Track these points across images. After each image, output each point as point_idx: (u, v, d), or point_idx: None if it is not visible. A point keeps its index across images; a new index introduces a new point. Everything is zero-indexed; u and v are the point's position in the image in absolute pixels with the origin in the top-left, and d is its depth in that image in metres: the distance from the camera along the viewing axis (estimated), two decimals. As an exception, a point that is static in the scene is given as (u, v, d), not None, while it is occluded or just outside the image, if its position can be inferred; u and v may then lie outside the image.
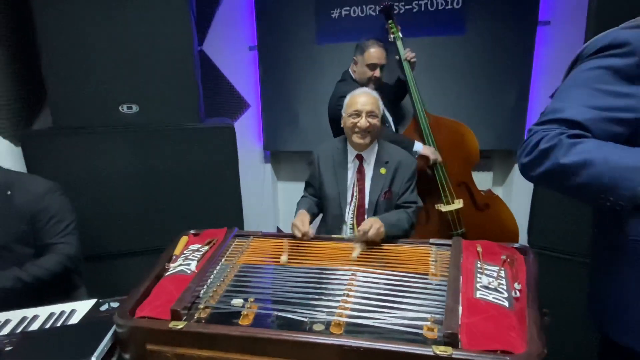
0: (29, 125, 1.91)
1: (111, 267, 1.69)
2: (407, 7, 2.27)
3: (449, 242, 1.26)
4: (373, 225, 1.29)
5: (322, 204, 1.63)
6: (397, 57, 1.97)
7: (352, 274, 1.07)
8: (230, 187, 1.84)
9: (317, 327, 0.84)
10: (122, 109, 1.65)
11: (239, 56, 2.74)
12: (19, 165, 1.56)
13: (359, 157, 1.56)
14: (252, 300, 0.94)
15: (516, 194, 2.32)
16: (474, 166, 1.96)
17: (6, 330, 0.96)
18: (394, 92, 2.13)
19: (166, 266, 1.19)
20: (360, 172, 1.57)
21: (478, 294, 0.90)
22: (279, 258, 1.22)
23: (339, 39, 2.24)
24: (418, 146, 1.89)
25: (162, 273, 1.15)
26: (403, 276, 1.05)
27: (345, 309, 0.90)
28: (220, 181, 1.81)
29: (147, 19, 1.60)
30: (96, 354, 0.80)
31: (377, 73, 1.94)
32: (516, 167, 2.44)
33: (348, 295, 0.96)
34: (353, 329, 0.83)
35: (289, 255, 1.23)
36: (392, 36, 1.96)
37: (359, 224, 1.52)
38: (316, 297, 0.96)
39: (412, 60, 1.95)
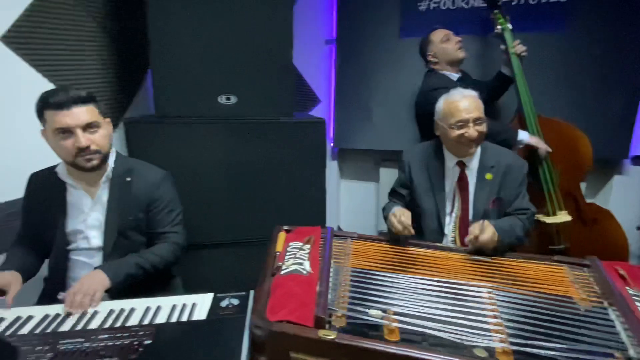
0: (123, 113, 1.97)
1: (197, 258, 1.69)
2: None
3: (581, 261, 1.14)
4: (485, 229, 1.19)
5: (414, 215, 1.49)
6: (502, 47, 1.79)
7: (489, 292, 0.97)
8: (315, 183, 1.79)
9: (480, 353, 0.75)
10: (221, 100, 1.64)
11: (314, 50, 2.68)
12: (121, 151, 1.59)
13: (460, 164, 1.41)
14: (391, 312, 0.87)
15: (615, 208, 2.10)
16: (584, 176, 1.78)
17: (135, 321, 0.95)
18: (490, 90, 1.96)
19: (277, 264, 1.15)
20: (462, 179, 1.42)
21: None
22: (387, 264, 1.15)
23: (424, 33, 2.12)
24: (523, 135, 1.70)
25: (275, 271, 1.12)
26: (550, 299, 0.94)
27: (501, 332, 0.81)
28: (306, 176, 1.76)
29: (250, 12, 1.57)
30: (243, 357, 0.76)
31: (456, 39, 1.82)
32: (616, 178, 2.22)
33: (496, 317, 0.87)
34: (523, 359, 0.74)
35: (398, 262, 1.16)
36: (499, 27, 1.80)
37: (461, 239, 1.41)
38: (459, 314, 0.87)
39: (523, 54, 1.77)
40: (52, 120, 1.10)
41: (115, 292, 1.12)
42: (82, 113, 1.11)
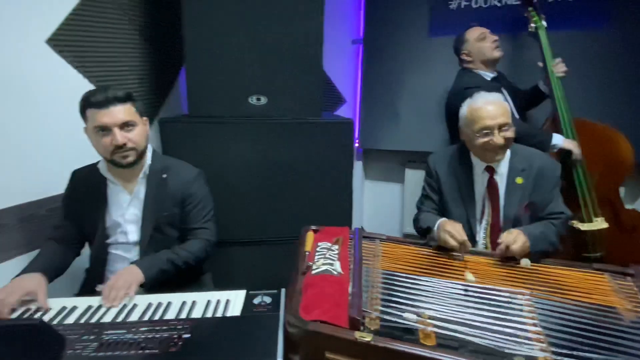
0: (156, 112, 2.03)
1: (226, 255, 1.72)
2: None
3: (625, 269, 1.09)
4: (517, 238, 1.15)
5: None
6: (540, 64, 1.73)
7: (527, 298, 0.95)
8: (342, 183, 1.79)
9: (521, 361, 0.74)
10: (251, 100, 1.66)
11: (340, 50, 2.68)
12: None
13: (489, 169, 1.37)
14: (426, 316, 0.86)
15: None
16: (624, 181, 1.70)
17: (172, 314, 0.98)
18: (526, 99, 1.92)
19: (307, 263, 1.16)
20: (492, 185, 1.37)
21: None
22: (418, 267, 1.14)
23: (454, 32, 2.08)
24: (558, 139, 1.64)
25: (305, 270, 1.12)
26: (592, 308, 0.91)
27: (542, 341, 0.79)
28: (333, 177, 1.76)
29: (282, 13, 1.59)
30: (279, 355, 0.77)
31: (492, 38, 1.77)
32: (659, 183, 2.11)
33: (536, 325, 0.84)
34: (567, 370, 0.72)
35: (429, 265, 1.14)
36: (532, 25, 1.74)
37: (493, 244, 1.37)
38: (495, 321, 0.85)
39: (562, 75, 1.70)
40: (92, 119, 1.15)
41: (148, 287, 1.15)
42: (120, 112, 1.15)
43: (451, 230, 1.19)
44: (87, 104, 1.15)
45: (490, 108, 1.28)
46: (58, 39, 1.51)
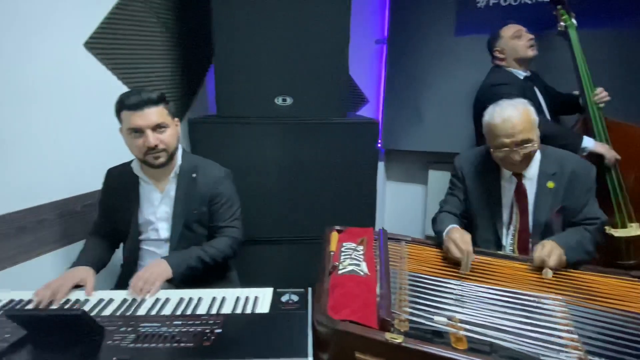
0: (185, 113, 2.09)
1: (251, 252, 1.75)
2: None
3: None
4: (552, 252, 1.11)
5: (468, 225, 1.42)
6: (575, 93, 1.68)
7: (560, 305, 0.93)
8: (366, 184, 1.79)
9: (555, 368, 0.72)
10: (277, 101, 1.69)
11: (363, 50, 2.67)
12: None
13: (517, 174, 1.32)
14: (456, 320, 0.86)
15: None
16: (661, 186, 1.63)
17: (203, 310, 1.01)
18: (563, 105, 1.86)
19: (333, 263, 1.17)
20: (520, 190, 1.32)
21: None
22: (446, 270, 1.13)
23: (482, 31, 2.04)
24: (588, 142, 1.58)
25: (332, 270, 1.13)
26: (630, 317, 0.88)
27: (579, 349, 0.77)
28: (357, 177, 1.77)
29: (309, 14, 1.61)
30: (310, 353, 0.78)
31: (528, 36, 1.72)
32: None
33: (571, 332, 0.82)
34: (605, 379, 0.70)
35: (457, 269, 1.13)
36: (562, 24, 1.69)
37: (520, 251, 1.33)
38: (528, 327, 0.83)
39: (601, 103, 1.63)
40: (126, 120, 1.19)
41: (176, 283, 1.18)
42: (153, 114, 1.18)
43: (457, 239, 1.14)
44: (122, 106, 1.19)
45: (508, 125, 1.20)
46: (95, 42, 1.58)
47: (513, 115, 1.21)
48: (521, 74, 1.77)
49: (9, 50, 1.28)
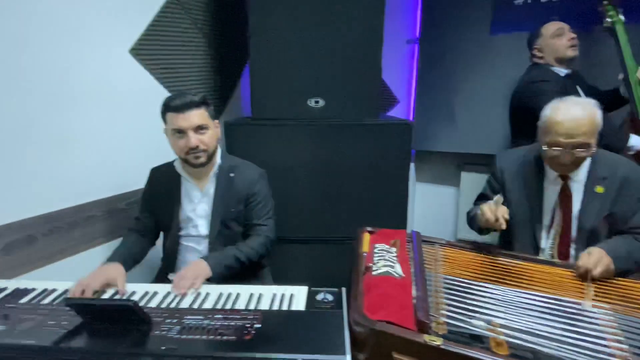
0: (219, 115, 2.16)
1: (283, 251, 1.79)
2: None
3: None
4: (600, 261, 1.06)
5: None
6: (620, 76, 1.60)
7: (607, 314, 0.89)
8: (398, 186, 1.78)
9: (604, 378, 0.70)
10: (310, 103, 1.71)
11: (394, 50, 2.65)
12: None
13: (564, 176, 1.27)
14: (496, 324, 0.84)
15: None
16: None
17: (241, 305, 1.04)
18: (607, 101, 1.76)
19: (366, 264, 1.17)
20: (565, 192, 1.27)
21: None
22: (483, 274, 1.11)
23: (519, 29, 1.98)
24: (636, 140, 1.52)
25: (365, 271, 1.14)
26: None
27: (622, 358, 0.74)
28: (389, 178, 1.77)
29: (344, 17, 1.63)
30: (348, 351, 0.79)
31: (570, 35, 1.65)
32: None
33: (620, 342, 0.79)
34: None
35: (494, 273, 1.10)
36: (608, 20, 1.61)
37: (560, 256, 1.29)
38: (572, 334, 0.81)
39: None
40: (170, 122, 1.26)
41: (215, 282, 1.22)
42: (195, 116, 1.24)
43: (493, 204, 1.17)
44: (167, 108, 1.26)
45: (570, 125, 1.12)
46: (139, 48, 1.67)
47: (578, 116, 1.13)
48: (562, 71, 1.71)
49: (63, 57, 1.37)
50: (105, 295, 1.11)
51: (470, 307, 0.92)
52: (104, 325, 0.90)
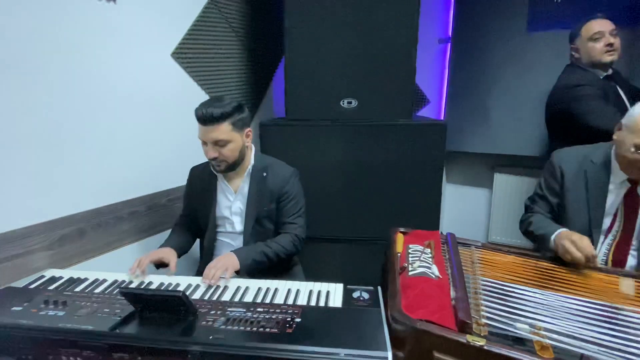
0: (253, 115, 2.22)
1: (314, 249, 1.81)
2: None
3: None
4: None
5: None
6: None
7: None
8: (431, 187, 1.77)
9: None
10: (343, 104, 1.73)
11: (425, 50, 2.63)
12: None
13: (633, 180, 1.20)
14: (540, 328, 0.83)
15: None
16: None
17: (280, 299, 1.07)
18: None
19: (402, 264, 1.18)
20: (631, 197, 1.21)
21: None
22: (523, 277, 1.09)
23: (558, 26, 1.91)
24: None
25: (401, 271, 1.14)
26: None
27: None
28: (422, 179, 1.76)
29: (378, 17, 1.64)
30: (389, 347, 0.81)
31: (607, 40, 1.57)
32: None
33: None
34: None
35: (535, 277, 1.08)
36: None
37: (615, 262, 1.23)
38: (624, 342, 0.78)
39: None
40: (198, 129, 1.29)
41: (243, 274, 1.27)
42: (214, 132, 1.25)
43: (578, 241, 1.09)
44: (195, 116, 1.27)
45: None
46: (179, 52, 1.74)
47: None
48: (601, 73, 1.64)
49: (111, 62, 1.46)
50: (153, 286, 1.17)
51: (512, 310, 0.91)
52: (154, 314, 0.96)
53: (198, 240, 1.54)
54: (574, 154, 1.34)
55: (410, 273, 1.11)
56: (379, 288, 1.11)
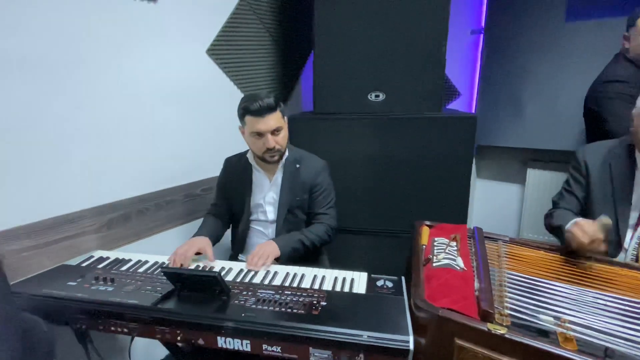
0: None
1: (341, 240, 1.85)
2: None
3: None
4: None
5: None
6: None
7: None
8: (459, 181, 1.76)
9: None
10: (370, 97, 1.75)
11: (456, 41, 2.57)
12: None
13: None
14: (565, 321, 0.83)
15: None
16: None
17: (306, 284, 1.13)
18: None
19: (426, 256, 1.19)
20: None
21: None
22: (550, 272, 1.07)
23: (599, 14, 1.82)
24: None
25: (425, 262, 1.16)
26: None
27: None
28: (451, 173, 1.75)
29: (409, 11, 1.64)
30: (411, 332, 0.84)
31: None
32: None
33: None
34: None
35: (563, 271, 1.06)
36: None
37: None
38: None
39: None
40: (250, 125, 1.34)
41: (282, 261, 1.33)
42: (272, 119, 1.32)
43: (585, 225, 1.09)
44: (246, 112, 1.33)
45: None
46: (214, 49, 1.82)
47: None
48: None
49: (150, 59, 1.55)
50: (192, 267, 1.26)
51: (537, 303, 0.91)
52: (191, 293, 1.04)
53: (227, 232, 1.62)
54: (598, 147, 1.32)
55: (434, 264, 1.13)
56: (403, 278, 1.14)
